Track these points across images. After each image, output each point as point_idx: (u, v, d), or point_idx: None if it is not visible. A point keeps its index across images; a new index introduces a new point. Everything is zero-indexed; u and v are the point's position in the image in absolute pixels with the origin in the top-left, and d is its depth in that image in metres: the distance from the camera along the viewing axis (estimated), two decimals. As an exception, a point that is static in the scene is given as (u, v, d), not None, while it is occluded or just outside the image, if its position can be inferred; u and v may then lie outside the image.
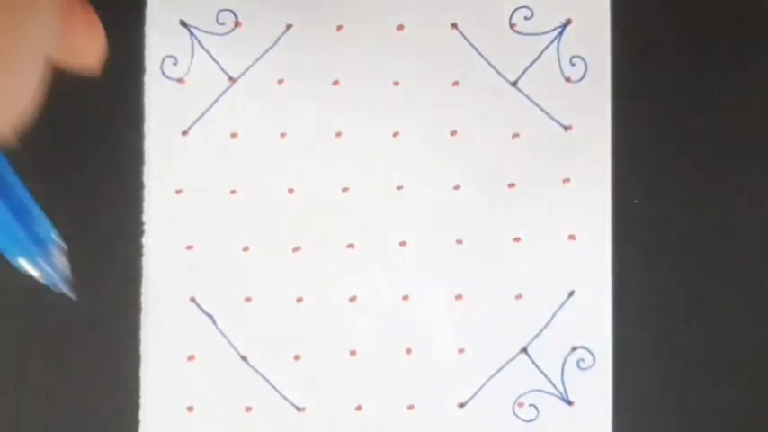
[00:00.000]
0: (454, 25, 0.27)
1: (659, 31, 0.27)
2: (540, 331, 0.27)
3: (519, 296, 0.27)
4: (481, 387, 0.27)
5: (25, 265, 0.21)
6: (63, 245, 0.22)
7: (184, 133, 0.27)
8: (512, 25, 0.27)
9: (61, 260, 0.22)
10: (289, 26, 0.27)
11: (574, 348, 0.27)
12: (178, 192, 0.27)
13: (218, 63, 0.27)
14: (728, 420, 0.26)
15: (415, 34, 0.27)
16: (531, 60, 0.27)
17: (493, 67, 0.27)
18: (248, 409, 0.27)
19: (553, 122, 0.27)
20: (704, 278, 0.27)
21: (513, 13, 0.27)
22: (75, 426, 0.27)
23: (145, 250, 0.27)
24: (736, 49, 0.27)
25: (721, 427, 0.26)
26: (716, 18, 0.27)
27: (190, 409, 0.27)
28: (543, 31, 0.27)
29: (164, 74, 0.27)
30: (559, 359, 0.27)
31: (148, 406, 0.27)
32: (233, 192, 0.27)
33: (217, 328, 0.27)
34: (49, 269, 0.22)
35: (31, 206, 0.21)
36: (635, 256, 0.27)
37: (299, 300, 0.27)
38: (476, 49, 0.27)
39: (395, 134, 0.27)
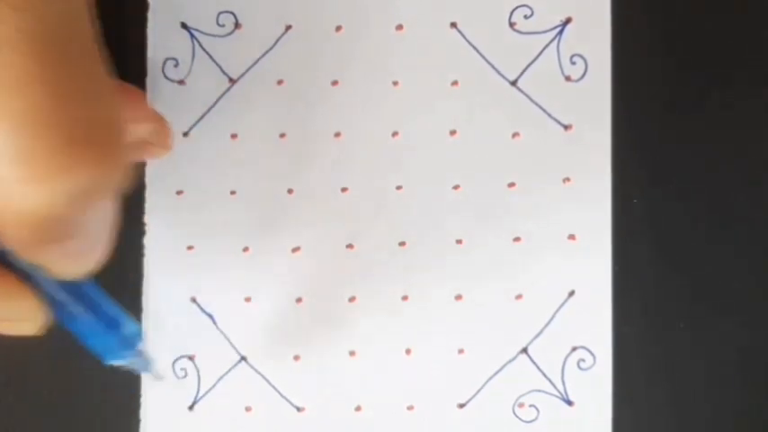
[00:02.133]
0: (453, 24, 0.27)
1: (660, 30, 0.27)
2: (541, 331, 0.27)
3: (519, 296, 0.27)
4: (481, 387, 0.27)
5: (117, 363, 0.24)
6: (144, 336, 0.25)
7: (185, 134, 0.28)
8: (511, 24, 0.27)
9: (146, 351, 0.25)
10: (288, 27, 0.27)
11: (574, 348, 0.27)
12: (179, 192, 0.27)
13: (218, 64, 0.28)
14: (729, 421, 0.26)
15: (415, 34, 0.27)
16: (531, 59, 0.27)
17: (492, 67, 0.27)
18: (248, 408, 0.27)
19: (553, 122, 0.27)
20: (704, 278, 0.26)
21: (512, 11, 0.27)
22: (75, 425, 0.27)
23: (145, 250, 0.27)
24: (738, 49, 0.27)
25: (722, 428, 0.26)
26: (718, 17, 0.27)
27: (191, 408, 0.27)
28: (543, 29, 0.27)
29: (165, 76, 0.28)
30: (560, 359, 0.27)
31: (149, 405, 0.27)
32: (233, 192, 0.27)
33: (217, 327, 0.27)
34: (137, 361, 0.24)
35: (117, 314, 0.23)
36: (635, 256, 0.26)
37: (299, 300, 0.27)
38: (475, 49, 0.27)
39: (394, 134, 0.27)
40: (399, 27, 0.27)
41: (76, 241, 0.20)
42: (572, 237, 0.27)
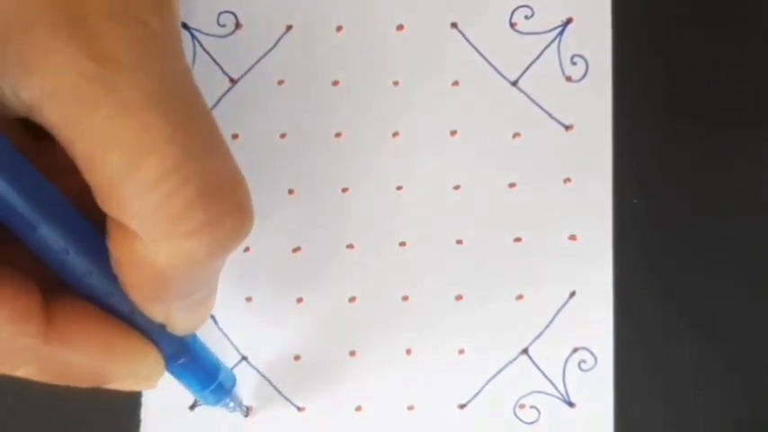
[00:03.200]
0: (454, 25, 0.27)
1: (661, 30, 0.27)
2: (541, 332, 0.27)
3: (519, 297, 0.27)
4: (482, 388, 0.27)
5: (214, 406, 0.25)
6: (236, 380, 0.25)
7: (186, 134, 0.28)
8: (512, 24, 0.27)
9: (239, 394, 0.26)
10: (289, 27, 0.27)
11: (575, 349, 0.27)
12: (179, 192, 0.27)
13: (218, 65, 0.28)
14: (729, 421, 0.26)
15: (415, 34, 0.27)
16: (532, 60, 0.27)
17: (493, 67, 0.27)
18: (248, 408, 0.27)
19: (554, 122, 0.27)
20: (704, 278, 0.26)
21: (513, 12, 0.27)
22: (75, 425, 0.27)
23: (145, 250, 0.27)
24: (739, 49, 0.27)
25: (722, 428, 0.26)
26: (718, 17, 0.27)
27: (191, 408, 0.27)
28: (544, 30, 0.27)
29: (166, 76, 0.28)
30: (560, 360, 0.27)
31: (150, 405, 0.27)
32: (233, 192, 0.27)
33: (217, 327, 0.27)
34: (232, 404, 0.25)
35: (217, 362, 0.24)
36: (635, 256, 0.26)
37: (299, 300, 0.27)
38: (476, 49, 0.27)
39: (395, 134, 0.27)
40: (399, 27, 0.27)
41: (198, 294, 0.20)
42: (572, 237, 0.27)
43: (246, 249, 0.27)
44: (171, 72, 0.18)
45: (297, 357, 0.27)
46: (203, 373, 0.23)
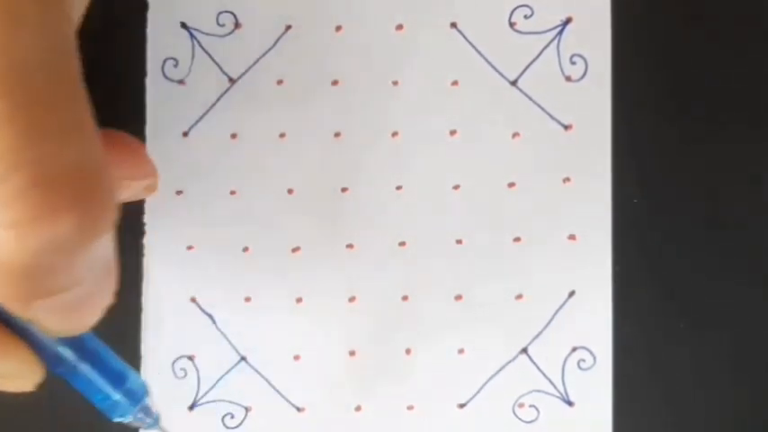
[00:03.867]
0: (453, 24, 0.27)
1: (661, 30, 0.27)
2: (541, 332, 0.27)
3: (519, 296, 0.27)
4: (481, 388, 0.27)
5: (122, 420, 0.22)
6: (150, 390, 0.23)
7: (185, 134, 0.28)
8: (511, 24, 0.27)
9: (152, 406, 0.23)
10: (288, 27, 0.27)
11: (574, 349, 0.27)
12: (178, 192, 0.27)
13: (218, 64, 0.28)
14: (728, 421, 0.26)
15: (415, 34, 0.27)
16: (531, 59, 0.27)
17: (492, 67, 0.27)
18: (248, 408, 0.27)
19: (553, 122, 0.27)
20: (704, 278, 0.26)
21: (512, 11, 0.27)
22: (75, 425, 0.27)
23: (145, 250, 0.27)
24: (739, 49, 0.26)
25: (722, 428, 0.26)
26: (718, 17, 0.26)
27: (191, 408, 0.27)
28: (543, 29, 0.27)
29: (165, 76, 0.28)
30: (560, 360, 0.27)
31: (149, 405, 0.27)
32: (233, 192, 0.27)
33: (217, 328, 0.27)
34: (142, 416, 0.23)
35: (121, 367, 0.22)
36: (635, 256, 0.26)
37: (299, 300, 0.27)
38: (475, 49, 0.27)
39: (394, 134, 0.27)
40: (399, 27, 0.27)
41: (67, 295, 0.18)
42: (572, 237, 0.27)
43: (245, 249, 0.27)
44: (26, 44, 0.16)
45: (296, 357, 0.27)
46: (105, 380, 0.21)
